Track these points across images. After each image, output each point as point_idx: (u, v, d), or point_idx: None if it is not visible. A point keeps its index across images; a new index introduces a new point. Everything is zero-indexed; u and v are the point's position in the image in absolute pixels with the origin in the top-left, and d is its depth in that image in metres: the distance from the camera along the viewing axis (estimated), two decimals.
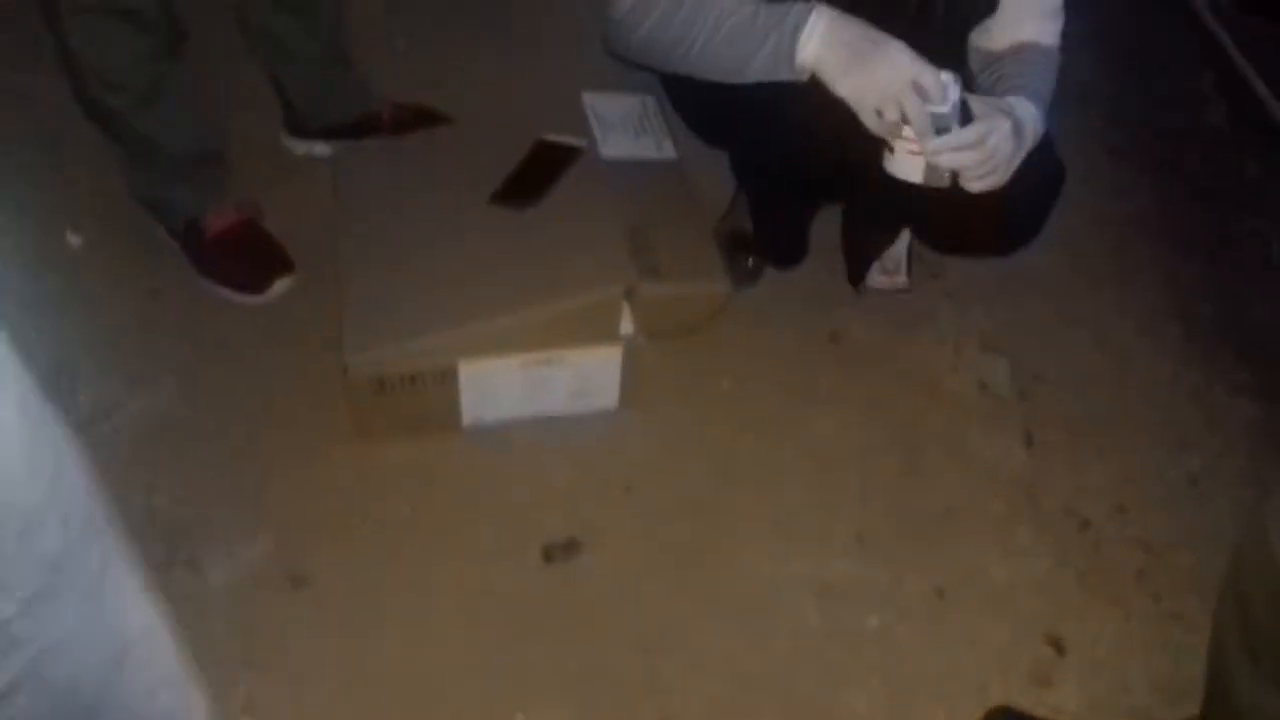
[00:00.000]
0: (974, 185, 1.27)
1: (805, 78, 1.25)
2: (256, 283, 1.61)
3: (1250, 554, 0.98)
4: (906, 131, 1.20)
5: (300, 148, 1.84)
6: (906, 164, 1.23)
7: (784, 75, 1.25)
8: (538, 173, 1.55)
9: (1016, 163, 1.29)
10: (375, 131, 1.78)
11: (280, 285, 1.62)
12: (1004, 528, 1.47)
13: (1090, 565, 1.45)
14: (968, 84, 1.32)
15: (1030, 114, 1.32)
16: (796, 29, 1.23)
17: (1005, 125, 1.25)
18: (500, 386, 1.46)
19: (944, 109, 1.18)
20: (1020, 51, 1.43)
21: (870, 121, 1.22)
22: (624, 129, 1.61)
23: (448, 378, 1.43)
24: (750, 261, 1.71)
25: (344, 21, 1.71)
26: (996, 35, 1.44)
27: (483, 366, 1.43)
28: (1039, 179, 1.59)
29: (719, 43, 1.27)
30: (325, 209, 1.57)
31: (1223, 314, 1.84)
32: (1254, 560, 0.97)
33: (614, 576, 1.37)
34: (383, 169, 1.61)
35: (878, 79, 1.19)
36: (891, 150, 1.24)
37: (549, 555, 1.39)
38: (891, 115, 1.19)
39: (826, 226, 1.71)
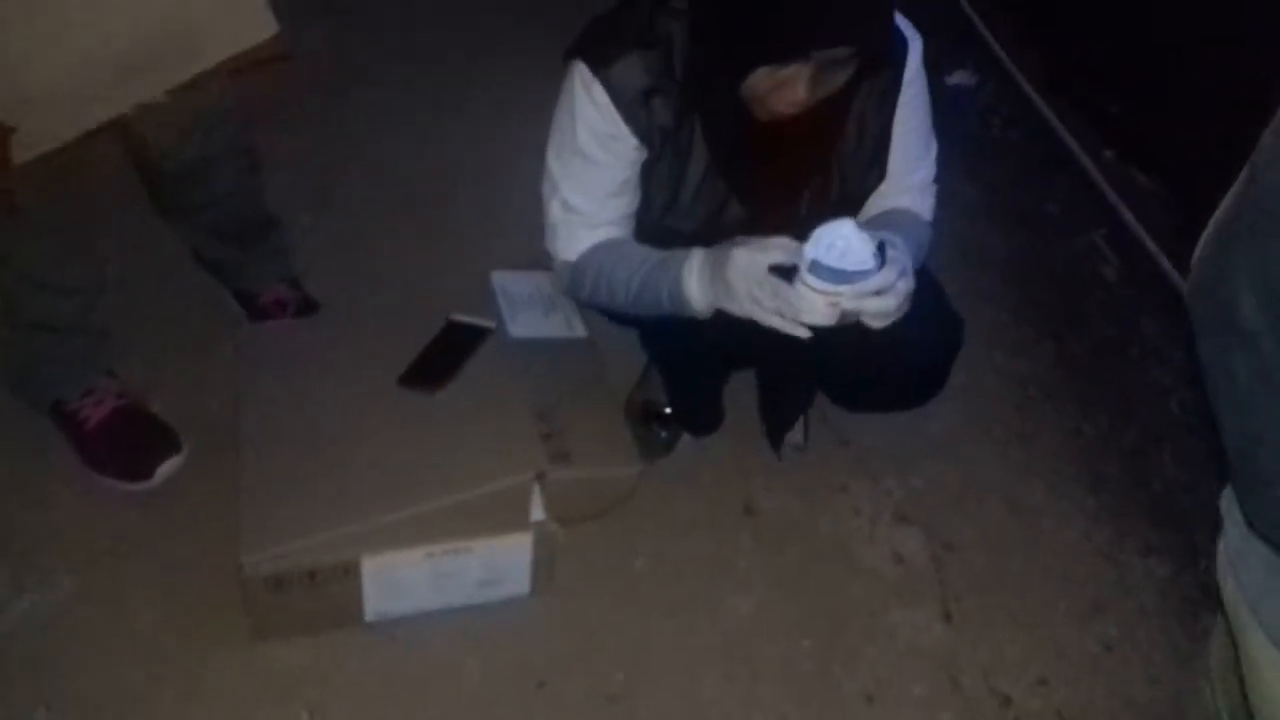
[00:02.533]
0: (876, 323, 1.29)
1: (712, 313, 1.32)
2: (141, 469, 1.55)
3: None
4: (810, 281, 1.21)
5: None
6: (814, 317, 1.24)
7: (694, 313, 1.33)
8: (446, 354, 1.53)
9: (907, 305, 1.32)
10: (252, 311, 1.77)
11: (166, 468, 1.56)
12: (927, 712, 1.45)
13: None
14: None
15: (905, 254, 1.32)
16: (679, 280, 1.32)
17: (906, 262, 1.28)
18: (405, 579, 1.41)
19: (868, 265, 1.19)
20: (891, 214, 1.48)
21: (769, 323, 1.25)
22: (534, 307, 1.61)
23: (350, 572, 1.38)
24: (664, 433, 1.70)
25: (258, 197, 1.70)
26: (873, 206, 1.49)
27: (387, 560, 1.38)
28: (939, 330, 1.63)
29: (635, 299, 1.37)
30: (224, 384, 1.53)
31: (1129, 471, 1.87)
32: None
33: None
34: (287, 347, 1.57)
35: (738, 289, 1.24)
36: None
37: None
38: (769, 303, 1.23)
39: (734, 395, 1.71)
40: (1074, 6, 2.75)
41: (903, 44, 1.37)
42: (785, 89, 1.21)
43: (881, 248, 1.22)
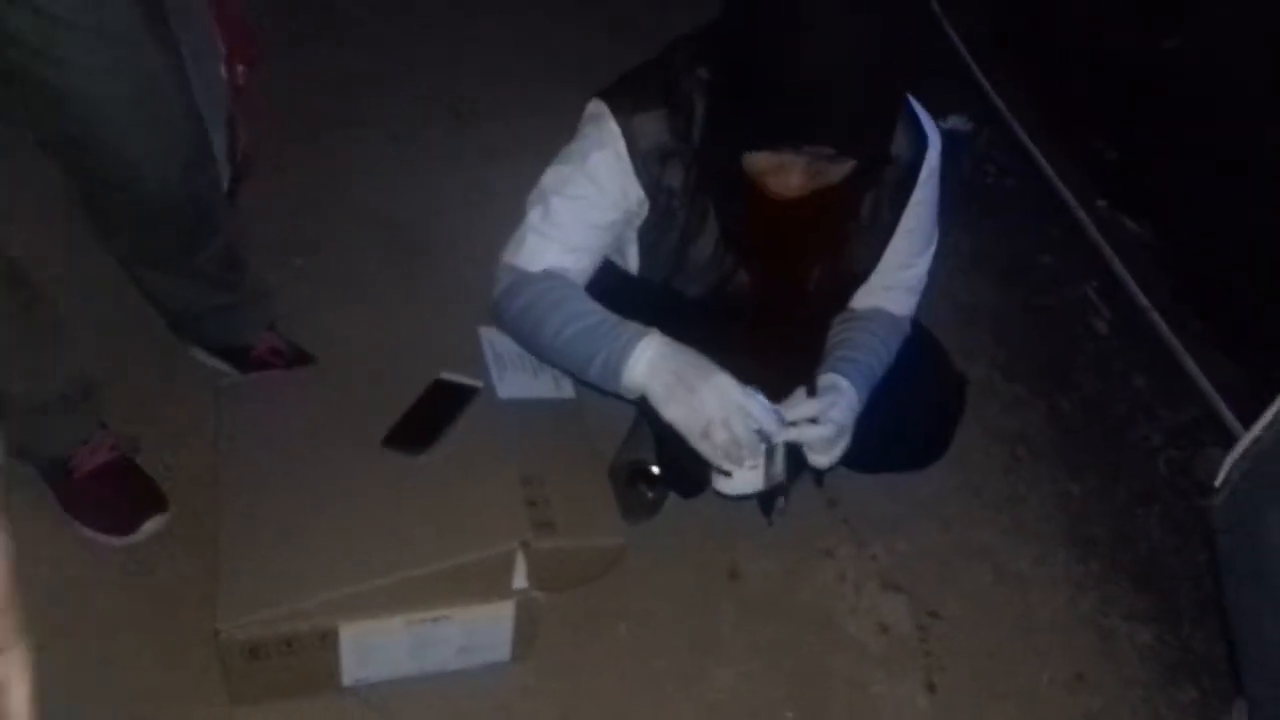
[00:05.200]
0: (819, 460, 1.36)
1: (634, 397, 1.34)
2: (125, 524, 1.52)
3: None
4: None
5: (201, 357, 1.77)
6: (741, 480, 1.34)
7: (616, 390, 1.34)
8: (433, 414, 1.51)
9: (849, 437, 1.37)
10: (243, 365, 1.74)
11: (150, 526, 1.53)
12: None
13: None
14: None
15: (849, 395, 1.40)
16: (625, 351, 1.31)
17: (842, 400, 1.35)
18: (384, 647, 1.39)
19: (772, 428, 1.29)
20: (869, 319, 1.50)
21: (698, 445, 1.29)
22: (521, 367, 1.59)
23: (328, 639, 1.35)
24: (650, 493, 1.69)
25: (234, 249, 1.67)
26: (854, 299, 1.50)
27: (365, 628, 1.36)
28: (942, 394, 1.64)
29: (562, 343, 1.35)
30: (210, 435, 1.51)
31: (1116, 535, 1.87)
32: None
33: None
34: (270, 403, 1.55)
35: (706, 407, 1.26)
36: (724, 473, 1.34)
37: None
38: (720, 437, 1.26)
39: None
40: (1070, 52, 2.76)
41: (923, 141, 1.37)
42: (781, 174, 1.21)
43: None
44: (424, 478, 1.44)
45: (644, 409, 1.66)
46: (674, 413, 1.29)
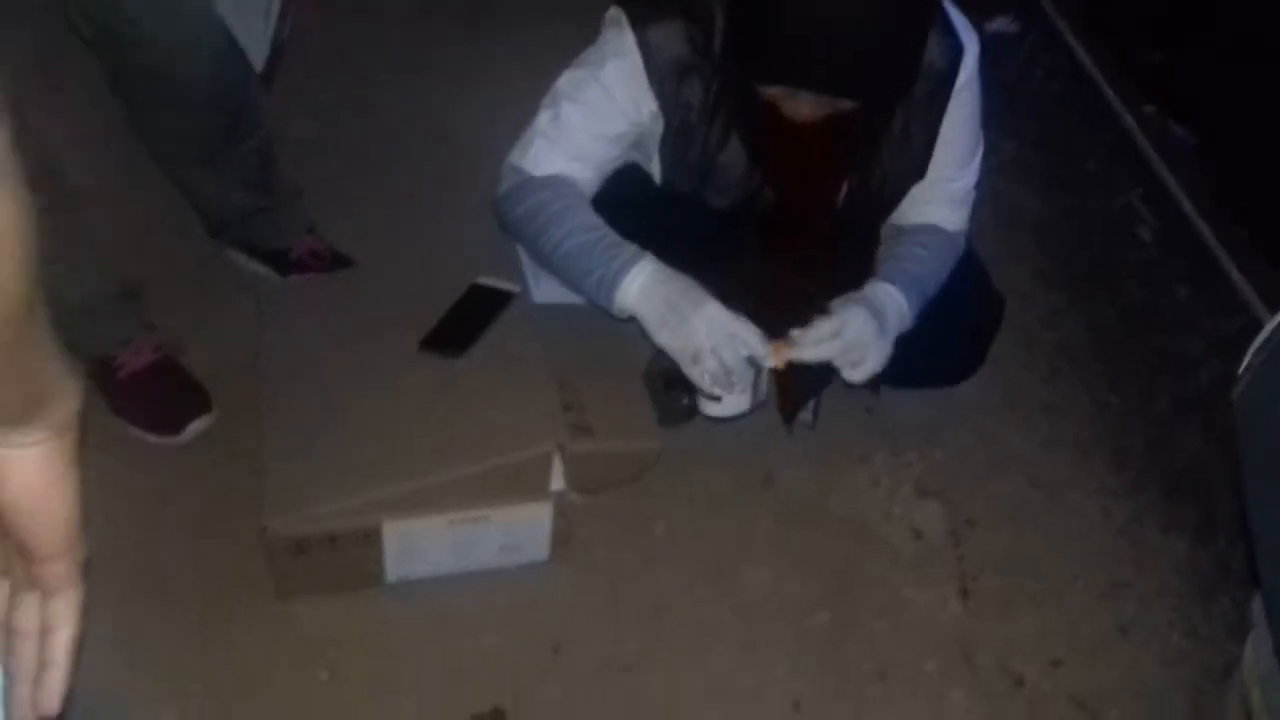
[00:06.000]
0: (851, 375, 1.38)
1: (625, 318, 1.37)
2: (171, 424, 1.56)
3: None
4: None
5: (240, 260, 1.78)
6: (729, 403, 1.39)
7: (610, 310, 1.37)
8: (469, 318, 1.51)
9: (887, 347, 1.38)
10: (285, 268, 1.75)
11: (196, 426, 1.56)
12: (938, 690, 1.45)
13: None
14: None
15: (895, 301, 1.41)
16: (618, 275, 1.33)
17: (860, 314, 1.35)
18: (426, 545, 1.42)
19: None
20: (919, 234, 1.47)
21: (688, 371, 1.33)
22: None
23: (371, 537, 1.39)
24: (685, 399, 1.69)
25: (270, 150, 1.66)
26: (901, 214, 1.49)
27: (408, 526, 1.39)
28: (979, 310, 1.63)
29: (560, 256, 1.37)
30: (252, 341, 1.53)
31: (1154, 446, 1.85)
32: None
33: None
34: (311, 308, 1.56)
35: (697, 335, 1.29)
36: (712, 398, 1.38)
37: None
38: (710, 365, 1.29)
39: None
40: None
41: (957, 50, 1.33)
42: (792, 101, 1.18)
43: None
44: (462, 381, 1.46)
45: None
46: (665, 339, 1.33)
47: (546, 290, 1.56)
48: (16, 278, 0.45)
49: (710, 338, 1.29)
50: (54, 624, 0.57)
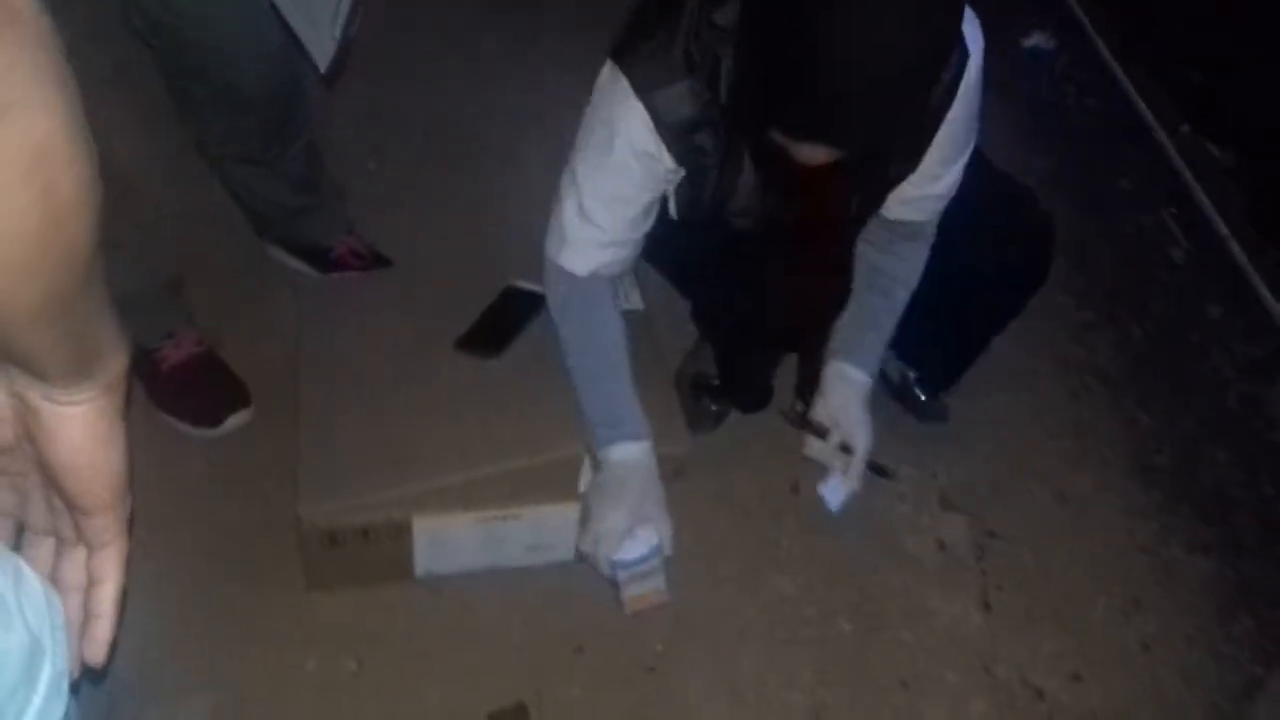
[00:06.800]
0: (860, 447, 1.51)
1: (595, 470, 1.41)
2: (210, 417, 1.58)
3: None
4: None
5: (281, 257, 1.81)
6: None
7: (595, 447, 1.41)
8: (503, 320, 1.54)
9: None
10: (325, 266, 1.77)
11: (235, 420, 1.59)
12: (960, 701, 1.46)
13: None
14: None
15: (857, 375, 1.51)
16: (607, 445, 1.37)
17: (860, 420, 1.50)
18: (455, 540, 1.44)
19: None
20: (878, 275, 1.52)
21: (581, 534, 1.40)
22: None
23: (402, 532, 1.41)
24: (714, 407, 1.71)
25: (317, 150, 1.69)
26: (885, 207, 1.47)
27: (438, 521, 1.41)
28: (1030, 238, 1.57)
29: (574, 384, 1.42)
30: (290, 336, 1.55)
31: (1180, 465, 1.86)
32: None
33: None
34: (348, 306, 1.59)
35: (618, 525, 1.35)
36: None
37: None
38: (592, 550, 1.36)
39: (785, 374, 1.71)
40: None
41: (964, 57, 1.32)
42: (809, 149, 1.16)
43: None
44: (495, 381, 1.48)
45: (703, 328, 1.67)
46: (597, 503, 1.36)
47: None
48: (89, 229, 0.45)
49: (597, 550, 1.36)
50: (100, 577, 0.58)
